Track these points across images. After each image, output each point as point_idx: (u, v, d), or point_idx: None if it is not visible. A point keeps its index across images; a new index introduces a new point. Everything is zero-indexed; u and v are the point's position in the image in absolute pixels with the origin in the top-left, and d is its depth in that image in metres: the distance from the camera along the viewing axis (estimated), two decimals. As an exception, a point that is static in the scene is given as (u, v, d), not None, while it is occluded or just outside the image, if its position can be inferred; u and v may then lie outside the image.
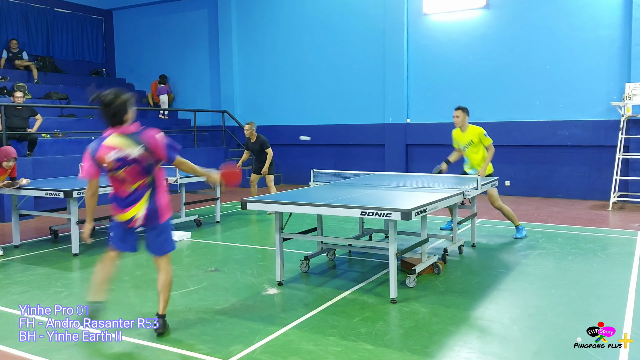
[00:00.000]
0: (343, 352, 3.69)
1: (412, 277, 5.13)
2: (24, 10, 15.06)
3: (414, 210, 4.42)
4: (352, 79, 13.22)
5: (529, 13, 11.25)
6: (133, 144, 3.74)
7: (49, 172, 9.53)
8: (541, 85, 11.16)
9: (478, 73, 11.75)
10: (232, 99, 14.79)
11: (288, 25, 14.05)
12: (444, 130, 11.98)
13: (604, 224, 8.28)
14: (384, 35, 12.66)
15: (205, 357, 3.66)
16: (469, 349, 3.75)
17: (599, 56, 10.63)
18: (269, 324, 4.22)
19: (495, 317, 4.36)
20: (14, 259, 6.59)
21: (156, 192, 3.88)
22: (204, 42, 15.46)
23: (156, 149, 3.79)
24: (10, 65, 13.87)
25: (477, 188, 5.88)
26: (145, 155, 3.76)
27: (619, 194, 10.13)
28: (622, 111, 10.08)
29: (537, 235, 7.40)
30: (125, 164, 3.73)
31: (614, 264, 5.94)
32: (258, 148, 9.62)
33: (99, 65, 16.87)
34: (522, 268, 5.82)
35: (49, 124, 11.46)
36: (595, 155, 10.78)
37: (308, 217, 7.62)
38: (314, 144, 13.65)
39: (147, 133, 3.80)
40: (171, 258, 4.14)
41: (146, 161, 3.78)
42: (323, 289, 5.14)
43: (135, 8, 16.59)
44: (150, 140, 3.78)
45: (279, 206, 5.04)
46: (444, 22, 12.14)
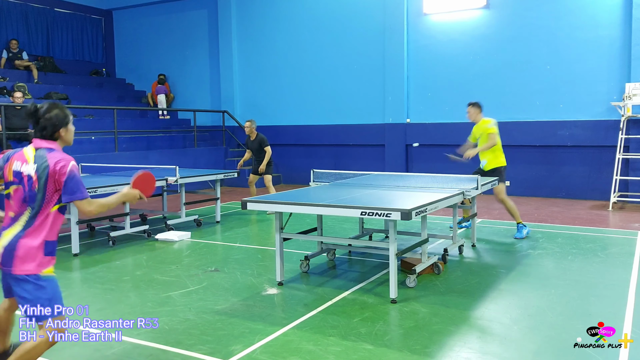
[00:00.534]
0: (343, 352, 3.69)
1: (412, 277, 5.13)
2: (24, 10, 15.06)
3: (414, 210, 4.43)
4: (352, 79, 13.21)
5: (529, 13, 11.25)
6: (36, 159, 2.96)
7: (49, 172, 9.51)
8: (541, 85, 11.16)
9: (478, 73, 11.75)
10: (232, 99, 14.79)
11: (288, 25, 14.04)
12: (444, 130, 12.03)
13: (604, 224, 8.28)
14: (384, 35, 12.66)
15: (205, 357, 3.66)
16: (469, 349, 3.75)
17: (599, 56, 10.63)
18: (269, 324, 4.22)
19: (495, 317, 4.36)
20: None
21: (27, 232, 2.91)
22: (204, 42, 15.46)
23: (53, 176, 2.91)
24: (10, 65, 13.86)
25: (477, 188, 5.88)
26: (36, 179, 2.91)
27: (619, 194, 10.13)
28: (622, 111, 10.08)
29: (537, 235, 7.40)
30: (18, 181, 2.97)
31: (614, 264, 5.94)
32: (257, 146, 9.63)
33: (99, 65, 16.87)
34: (522, 268, 5.82)
35: (49, 124, 11.44)
36: (595, 155, 10.78)
37: (308, 217, 7.62)
38: (313, 144, 13.67)
39: (56, 155, 2.95)
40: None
41: (34, 187, 2.91)
42: (323, 289, 5.14)
43: (135, 8, 16.59)
44: (53, 164, 2.91)
45: (279, 206, 5.04)
46: (444, 22, 12.14)
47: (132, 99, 15.82)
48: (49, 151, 2.97)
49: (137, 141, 12.63)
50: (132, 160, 11.11)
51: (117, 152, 11.33)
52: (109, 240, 7.18)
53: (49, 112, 3.01)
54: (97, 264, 6.25)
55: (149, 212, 8.84)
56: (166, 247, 7.07)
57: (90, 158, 10.33)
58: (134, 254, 6.70)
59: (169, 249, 6.98)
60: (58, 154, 2.95)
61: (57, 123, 3.02)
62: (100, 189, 6.81)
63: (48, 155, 2.94)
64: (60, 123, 3.04)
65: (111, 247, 7.06)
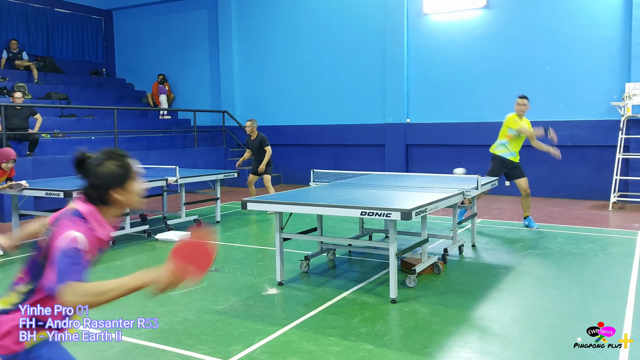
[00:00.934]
0: (343, 352, 3.69)
1: (412, 277, 5.13)
2: (24, 10, 15.05)
3: (414, 210, 4.43)
4: (352, 79, 13.21)
5: (529, 13, 11.25)
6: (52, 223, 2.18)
7: (49, 172, 9.52)
8: (541, 85, 11.15)
9: (478, 73, 11.75)
10: (232, 99, 14.79)
11: (288, 25, 14.04)
12: (444, 130, 12.03)
13: (604, 224, 8.28)
14: (384, 35, 12.65)
15: (205, 357, 3.66)
16: (469, 349, 3.74)
17: (599, 56, 10.63)
18: (269, 324, 4.22)
19: (496, 317, 4.36)
20: (14, 259, 6.59)
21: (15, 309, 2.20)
22: (204, 42, 15.46)
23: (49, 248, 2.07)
24: (10, 65, 13.86)
25: (477, 188, 5.88)
26: (39, 246, 2.16)
27: (619, 194, 10.13)
28: (622, 111, 10.08)
29: (537, 235, 7.40)
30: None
31: (614, 263, 5.94)
32: (257, 145, 9.63)
33: (99, 65, 16.87)
34: (522, 268, 5.82)
35: (49, 124, 11.46)
36: (595, 155, 10.78)
37: (308, 217, 7.62)
38: (313, 144, 13.66)
39: (64, 222, 2.10)
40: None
41: (37, 257, 2.15)
42: (323, 289, 5.14)
43: (135, 8, 16.58)
44: (55, 231, 2.09)
45: (279, 206, 5.04)
46: (444, 22, 12.14)
47: (132, 99, 15.82)
48: (66, 215, 2.15)
49: (137, 141, 12.63)
50: (132, 160, 11.09)
51: (117, 152, 11.31)
52: (109, 240, 7.17)
53: (101, 165, 2.17)
54: (97, 264, 6.23)
55: (149, 212, 8.84)
56: (166, 247, 7.07)
57: (90, 158, 10.32)
58: (134, 254, 6.71)
59: (169, 249, 6.96)
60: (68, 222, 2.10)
61: (109, 182, 2.16)
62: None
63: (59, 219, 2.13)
64: (114, 182, 2.17)
65: (111, 247, 7.07)
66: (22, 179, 7.52)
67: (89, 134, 11.82)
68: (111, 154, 2.21)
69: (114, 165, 2.18)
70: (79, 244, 2.06)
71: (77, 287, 2.00)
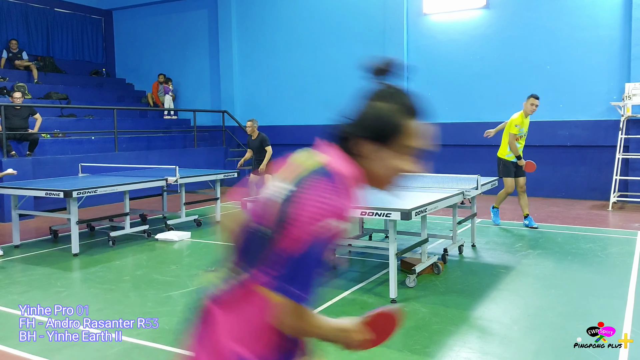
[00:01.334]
0: (343, 352, 3.68)
1: (412, 277, 5.13)
2: (24, 10, 15.05)
3: (414, 210, 4.43)
4: (352, 78, 13.19)
5: (529, 13, 11.25)
6: (285, 182, 1.51)
7: (49, 172, 9.53)
8: (541, 85, 11.14)
9: (478, 73, 11.75)
10: (232, 99, 14.79)
11: (288, 26, 14.04)
12: (443, 130, 12.02)
13: (604, 224, 8.28)
14: (384, 35, 12.66)
15: (205, 357, 3.65)
16: (469, 349, 3.75)
17: (599, 56, 10.63)
18: (269, 324, 4.22)
19: (495, 317, 4.36)
20: (14, 259, 6.59)
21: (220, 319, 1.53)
22: (204, 42, 15.46)
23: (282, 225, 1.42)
24: (10, 65, 13.86)
25: (476, 188, 5.88)
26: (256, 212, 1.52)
27: (618, 194, 10.13)
28: (622, 111, 10.08)
29: (537, 235, 7.40)
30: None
31: (614, 263, 5.94)
32: (258, 145, 9.62)
33: (99, 65, 16.86)
34: (522, 268, 5.82)
35: (49, 124, 11.47)
36: (595, 155, 10.78)
37: (308, 217, 7.60)
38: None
39: (317, 187, 1.45)
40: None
41: (256, 226, 1.50)
42: (323, 289, 5.13)
43: (135, 8, 16.58)
44: (299, 199, 1.42)
45: (279, 206, 5.03)
46: (444, 22, 12.14)
47: (132, 99, 15.82)
48: (314, 172, 1.50)
49: (137, 141, 12.64)
50: (132, 160, 11.11)
51: (117, 152, 11.33)
52: (109, 240, 7.18)
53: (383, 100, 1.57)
54: (97, 264, 6.24)
55: (149, 212, 8.84)
56: (166, 247, 7.07)
57: (90, 158, 10.34)
58: (134, 254, 6.70)
59: (169, 249, 6.98)
60: (319, 180, 1.46)
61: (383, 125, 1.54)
62: (100, 189, 6.82)
63: (306, 178, 1.47)
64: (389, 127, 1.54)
65: (111, 247, 7.06)
66: (22, 179, 7.53)
67: (89, 134, 11.82)
68: (393, 91, 1.59)
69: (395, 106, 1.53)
70: (332, 235, 1.43)
71: (302, 308, 1.47)
